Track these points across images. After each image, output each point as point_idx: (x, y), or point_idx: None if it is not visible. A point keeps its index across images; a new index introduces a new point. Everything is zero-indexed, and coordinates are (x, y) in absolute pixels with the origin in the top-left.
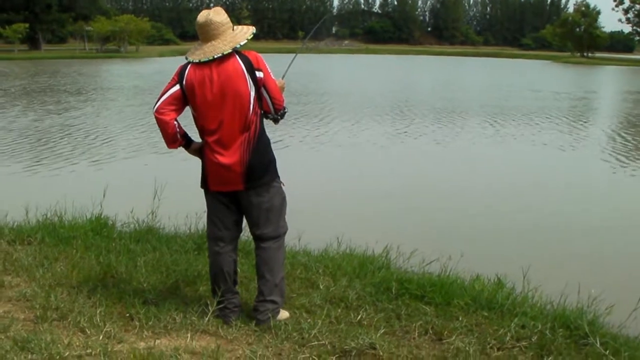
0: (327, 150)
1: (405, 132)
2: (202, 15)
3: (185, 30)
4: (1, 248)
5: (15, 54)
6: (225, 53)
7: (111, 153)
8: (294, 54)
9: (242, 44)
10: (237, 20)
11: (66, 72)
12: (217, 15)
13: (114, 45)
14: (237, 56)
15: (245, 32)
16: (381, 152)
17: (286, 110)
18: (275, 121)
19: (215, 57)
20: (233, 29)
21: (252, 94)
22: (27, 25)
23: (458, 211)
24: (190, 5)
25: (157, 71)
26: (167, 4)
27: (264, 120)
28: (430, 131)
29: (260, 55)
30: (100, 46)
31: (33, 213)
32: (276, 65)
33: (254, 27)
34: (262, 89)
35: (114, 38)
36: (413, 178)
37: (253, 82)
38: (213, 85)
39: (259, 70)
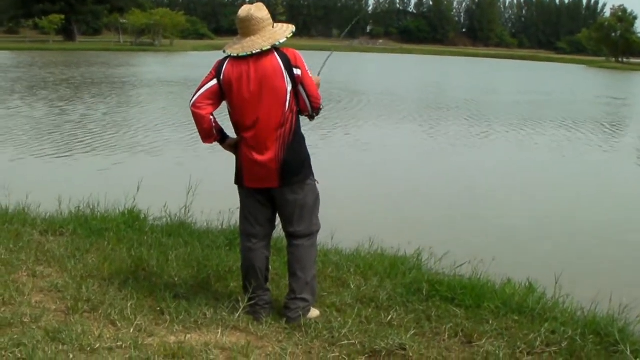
0: (362, 149)
1: (442, 134)
2: (244, 10)
3: (220, 25)
4: (34, 239)
5: (50, 45)
6: (264, 49)
7: (152, 147)
8: (330, 52)
9: (281, 41)
10: (272, 16)
11: (118, 64)
12: (258, 11)
13: (149, 39)
14: (275, 53)
15: (285, 31)
16: (417, 153)
17: (322, 107)
18: (311, 118)
19: (254, 52)
20: (273, 26)
21: (289, 90)
22: (62, 16)
23: (491, 215)
24: (226, 0)
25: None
26: None
27: (299, 116)
28: (467, 134)
29: (298, 52)
30: (135, 39)
31: (66, 204)
32: (310, 62)
33: (293, 26)
34: (300, 86)
35: (149, 31)
36: (448, 180)
37: (291, 79)
38: (250, 81)
39: (297, 67)
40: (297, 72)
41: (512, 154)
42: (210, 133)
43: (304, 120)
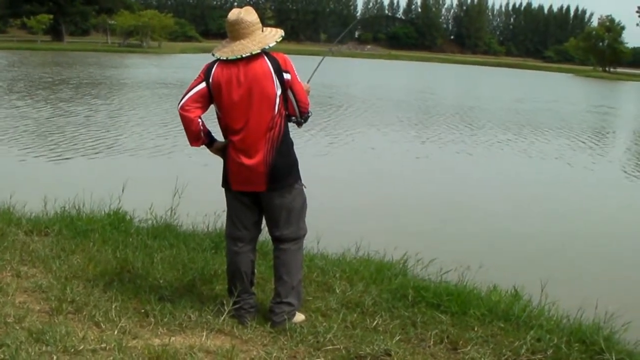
0: (350, 155)
1: (430, 140)
2: (234, 14)
3: (209, 27)
4: (18, 238)
5: (38, 45)
6: (253, 53)
7: (139, 148)
8: (321, 58)
9: (270, 45)
10: (261, 20)
11: (112, 65)
12: (248, 14)
13: (137, 40)
14: (265, 57)
15: (274, 35)
16: (404, 160)
17: (310, 114)
18: (299, 124)
19: (244, 56)
20: (262, 30)
21: (278, 94)
22: (51, 16)
23: (478, 222)
24: (214, 2)
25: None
26: (190, 0)
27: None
28: (455, 141)
29: (288, 57)
30: (123, 40)
31: (51, 204)
32: (299, 67)
33: (282, 31)
34: (289, 91)
35: (137, 33)
36: (435, 187)
37: (280, 83)
38: (240, 84)
39: (287, 72)
40: (286, 76)
41: (501, 161)
42: (198, 136)
43: (292, 125)
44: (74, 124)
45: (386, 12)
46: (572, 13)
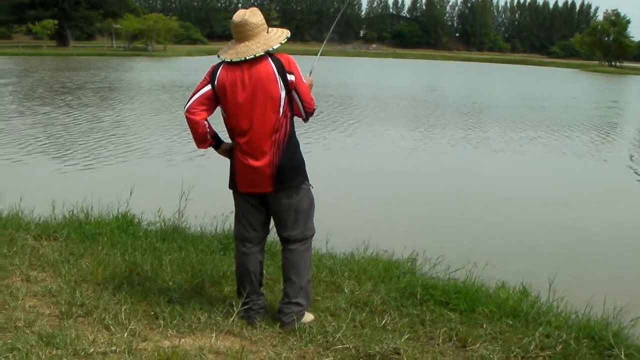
0: (357, 154)
1: (438, 138)
2: (238, 15)
3: (213, 30)
4: (27, 243)
5: (44, 50)
6: (257, 55)
7: (146, 151)
8: (319, 52)
9: (275, 47)
10: (265, 21)
11: (126, 68)
12: (253, 16)
13: (142, 44)
14: (269, 58)
15: (279, 36)
16: (412, 158)
17: (316, 107)
18: (305, 120)
19: (247, 58)
20: (268, 31)
21: (283, 96)
22: (56, 21)
23: (486, 219)
24: (219, 5)
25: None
26: (195, 3)
27: (294, 119)
28: (461, 139)
29: (292, 58)
30: (128, 44)
31: (59, 209)
32: (304, 67)
33: (288, 31)
34: (294, 91)
35: (142, 36)
36: (443, 185)
37: (284, 84)
38: (244, 86)
39: (291, 73)
40: (290, 77)
41: (508, 159)
42: (205, 138)
43: (298, 122)
44: (87, 129)
45: (390, 10)
46: (577, 8)
